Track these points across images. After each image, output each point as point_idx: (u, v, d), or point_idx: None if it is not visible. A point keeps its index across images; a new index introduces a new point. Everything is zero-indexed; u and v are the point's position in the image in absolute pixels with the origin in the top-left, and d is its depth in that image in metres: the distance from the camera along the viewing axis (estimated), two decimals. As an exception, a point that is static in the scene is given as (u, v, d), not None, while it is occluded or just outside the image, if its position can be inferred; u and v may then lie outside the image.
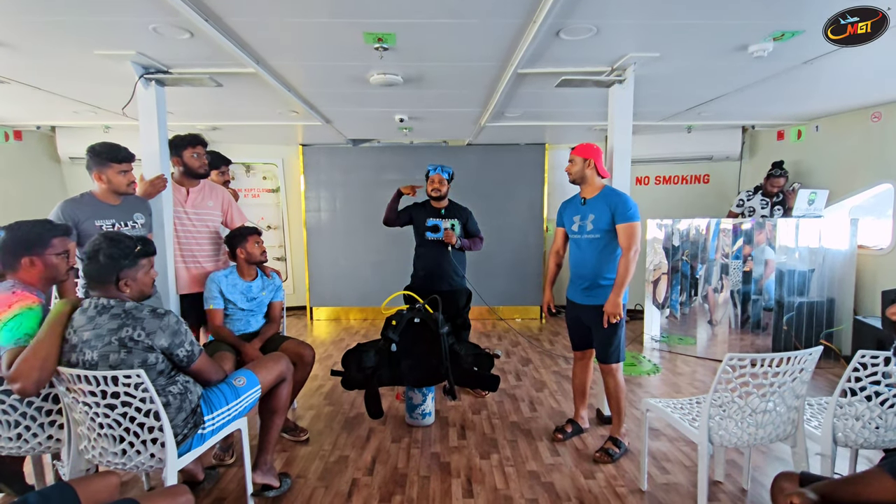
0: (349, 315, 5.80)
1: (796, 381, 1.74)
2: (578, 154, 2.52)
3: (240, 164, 5.68)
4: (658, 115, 4.12)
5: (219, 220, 2.93)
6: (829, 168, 4.21)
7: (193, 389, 1.77)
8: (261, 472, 2.11)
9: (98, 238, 1.64)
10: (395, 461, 2.47)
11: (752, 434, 1.77)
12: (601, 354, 2.52)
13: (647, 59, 2.54)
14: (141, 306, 1.64)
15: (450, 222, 3.22)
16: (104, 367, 1.55)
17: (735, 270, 4.10)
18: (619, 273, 2.39)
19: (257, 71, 2.64)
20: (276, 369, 2.10)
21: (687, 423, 1.92)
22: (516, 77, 2.81)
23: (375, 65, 2.65)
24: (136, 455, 1.63)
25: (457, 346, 2.76)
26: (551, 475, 2.33)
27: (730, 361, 1.66)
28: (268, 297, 2.82)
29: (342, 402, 3.23)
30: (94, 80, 2.92)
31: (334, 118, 4.14)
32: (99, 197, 2.37)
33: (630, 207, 2.41)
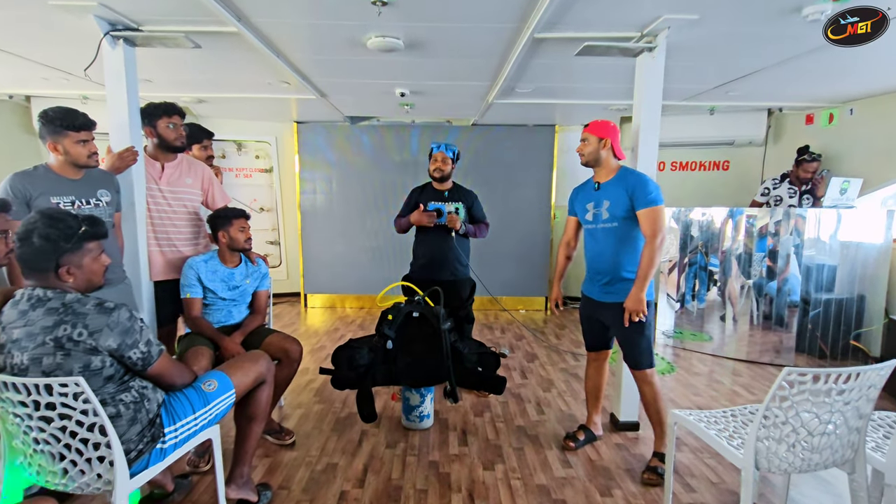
0: (345, 303, 5.54)
1: (862, 399, 1.47)
2: (592, 132, 2.21)
3: (231, 142, 5.36)
4: (682, 94, 3.79)
5: (198, 199, 2.64)
6: (864, 155, 3.90)
7: (152, 396, 1.51)
8: (235, 485, 1.86)
9: (34, 216, 1.36)
10: (389, 471, 2.23)
11: (805, 459, 1.51)
12: (631, 360, 2.24)
13: (683, 22, 2.22)
14: (85, 299, 1.37)
15: (454, 206, 2.93)
16: (36, 373, 1.29)
17: (757, 263, 3.83)
18: (642, 265, 2.10)
19: (239, 30, 2.32)
20: (254, 370, 1.84)
21: (725, 441, 1.66)
22: (532, 43, 2.49)
23: (373, 25, 2.33)
24: (81, 475, 1.37)
25: (459, 344, 2.50)
26: (563, 491, 2.09)
27: (788, 376, 1.39)
28: (252, 286, 2.55)
29: (333, 399, 2.98)
30: (55, 40, 2.61)
31: (330, 91, 3.81)
32: (56, 170, 2.07)
33: (651, 189, 2.11)
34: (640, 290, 2.09)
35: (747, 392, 3.19)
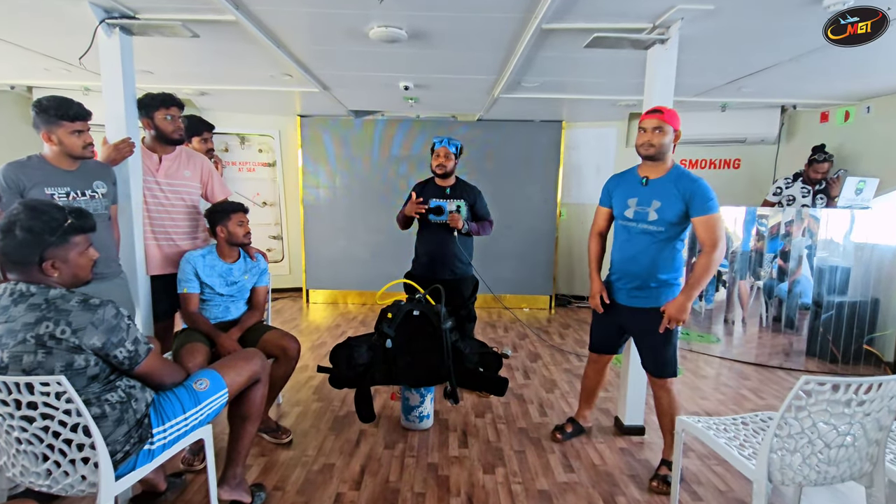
0: (347, 299, 5.50)
1: (883, 410, 1.40)
2: (669, 121, 1.97)
3: (234, 135, 5.31)
4: (694, 89, 3.69)
5: (197, 192, 2.59)
6: (881, 154, 3.78)
7: (140, 396, 1.46)
8: (229, 486, 1.81)
9: (17, 207, 1.31)
10: (387, 472, 2.18)
11: (820, 472, 1.44)
12: (653, 367, 2.15)
13: (697, 13, 2.13)
14: (69, 295, 1.32)
15: (455, 203, 2.85)
16: (16, 371, 1.24)
17: (767, 264, 3.73)
18: (696, 273, 1.97)
19: (237, 18, 2.26)
20: (248, 369, 1.79)
21: (735, 450, 1.59)
22: (539, 34, 2.41)
23: (375, 14, 2.26)
24: (64, 476, 1.32)
25: (460, 344, 2.44)
26: (565, 496, 2.03)
27: (805, 386, 1.32)
28: (251, 282, 2.51)
29: (332, 397, 2.93)
30: (52, 28, 2.55)
31: (333, 84, 3.75)
32: (50, 160, 2.02)
33: (711, 196, 1.97)
34: (689, 300, 1.98)
35: (755, 396, 3.11)
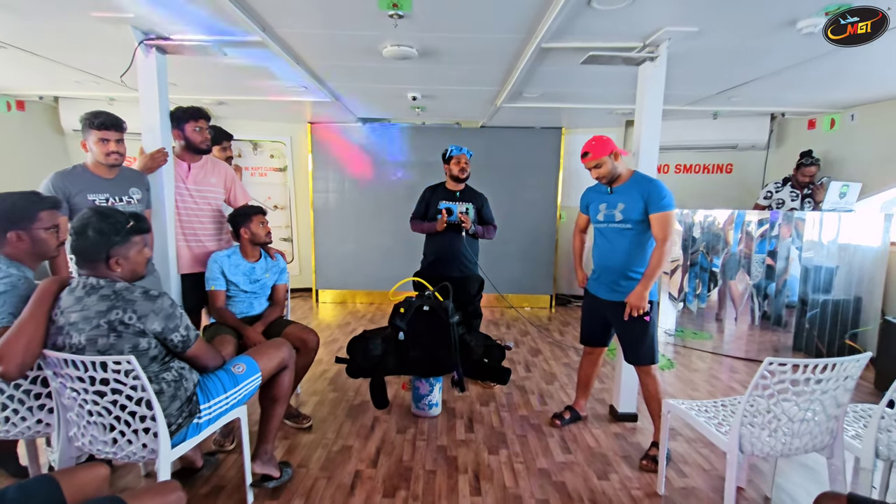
0: (356, 299, 5.71)
1: (839, 388, 1.60)
2: (599, 155, 2.26)
3: (247, 142, 5.54)
4: (685, 99, 3.90)
5: (221, 197, 2.81)
6: (864, 160, 3.98)
7: (189, 377, 1.67)
8: (260, 461, 2.02)
9: (87, 212, 1.52)
10: (401, 453, 2.38)
11: (786, 444, 1.64)
12: (631, 356, 2.38)
13: (683, 34, 2.34)
14: (133, 287, 1.53)
15: (465, 206, 3.07)
16: (92, 352, 1.45)
17: (757, 265, 3.93)
18: (651, 265, 2.22)
19: (263, 39, 2.47)
20: (278, 356, 2.00)
21: (713, 427, 1.79)
22: (539, 52, 2.62)
23: (389, 35, 2.48)
24: (128, 444, 1.53)
25: (467, 337, 2.64)
26: (563, 474, 2.23)
27: (769, 366, 1.52)
28: (272, 280, 2.71)
29: (347, 388, 3.14)
30: (93, 47, 2.78)
31: (344, 94, 3.97)
32: (91, 169, 2.25)
33: (665, 195, 2.22)
34: (645, 289, 2.22)
35: (743, 388, 3.30)
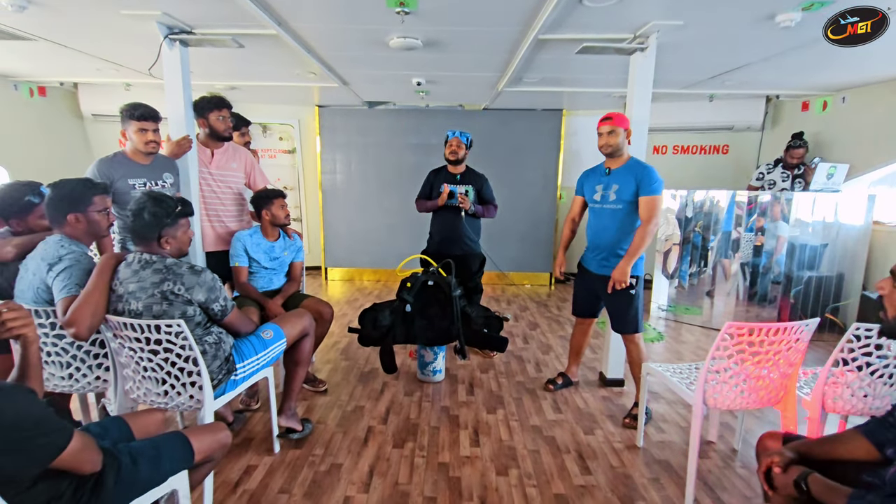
0: (363, 276, 5.97)
1: (791, 350, 1.83)
2: (620, 125, 2.43)
3: (256, 125, 5.71)
4: (680, 83, 4.04)
5: (242, 181, 3.02)
6: (852, 141, 4.13)
7: (226, 340, 1.92)
8: (285, 416, 2.30)
9: (143, 197, 1.75)
10: (408, 412, 2.66)
11: (744, 398, 1.88)
12: (618, 325, 2.61)
13: (670, 27, 2.50)
14: (180, 263, 1.77)
15: (464, 188, 3.27)
16: (148, 317, 1.70)
17: (747, 243, 4.13)
18: (634, 242, 2.43)
19: (278, 33, 2.65)
20: (300, 324, 2.25)
21: (685, 386, 2.04)
22: (536, 43, 2.78)
23: (396, 28, 2.65)
24: (177, 396, 1.80)
25: (468, 309, 2.89)
26: (553, 430, 2.50)
27: (728, 329, 1.75)
28: (289, 257, 2.95)
29: (357, 357, 3.42)
30: (119, 39, 2.97)
31: (352, 80, 4.13)
32: (130, 156, 2.47)
33: (655, 181, 2.42)
34: (627, 265, 2.44)
35: (727, 358, 3.55)
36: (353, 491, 1.98)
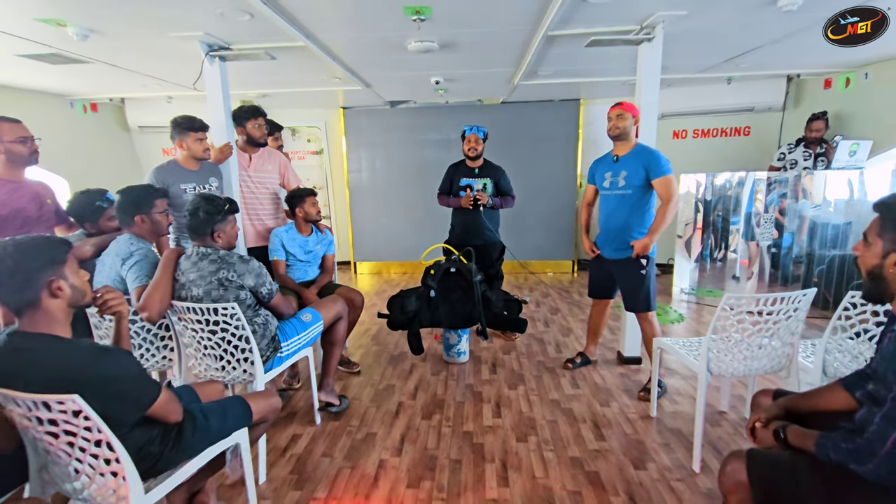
0: (390, 269, 6.23)
1: (791, 319, 1.94)
2: (629, 111, 2.61)
3: (286, 128, 6.01)
4: (694, 68, 4.08)
5: (277, 182, 3.29)
6: (876, 117, 4.08)
7: (272, 322, 2.18)
8: (324, 391, 2.56)
9: (196, 198, 2.02)
10: (435, 389, 2.87)
11: (746, 365, 2.01)
12: (630, 304, 2.75)
13: (675, 17, 2.60)
14: (231, 254, 2.03)
15: (482, 182, 3.45)
16: (208, 301, 1.97)
17: (768, 224, 4.15)
18: (657, 220, 2.56)
19: (307, 44, 2.89)
20: (334, 309, 2.50)
21: (692, 356, 2.17)
22: (546, 39, 2.92)
23: (413, 34, 2.84)
24: (233, 370, 2.07)
25: (488, 293, 3.07)
26: (570, 403, 2.67)
27: (728, 301, 1.88)
28: (322, 251, 3.20)
29: (387, 342, 3.66)
30: (165, 58, 3.28)
31: (374, 82, 4.36)
32: (181, 163, 2.76)
33: (663, 163, 2.55)
34: (651, 240, 2.57)
35: (747, 337, 3.61)
36: (387, 455, 2.21)
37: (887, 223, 1.17)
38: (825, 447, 1.16)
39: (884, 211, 1.20)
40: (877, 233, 1.19)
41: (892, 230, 1.15)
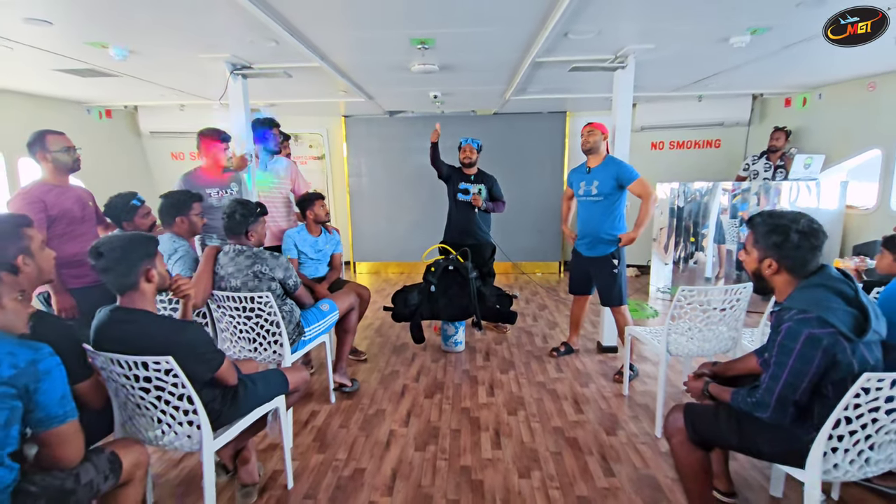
0: (388, 269, 6.57)
1: (735, 308, 2.33)
2: (599, 129, 3.05)
3: (289, 134, 6.34)
4: (667, 87, 4.51)
5: (288, 187, 3.62)
6: (827, 134, 4.54)
7: (295, 310, 2.52)
8: (338, 374, 2.90)
9: (233, 203, 2.35)
10: (435, 374, 3.23)
11: (699, 347, 2.40)
12: (605, 299, 3.14)
13: (643, 49, 3.00)
14: (262, 250, 2.37)
15: (477, 187, 3.82)
16: (245, 291, 2.30)
17: (732, 229, 4.58)
18: (640, 216, 2.91)
19: (321, 65, 3.24)
20: (348, 300, 2.85)
21: (656, 341, 2.56)
22: (534, 64, 3.31)
23: (416, 58, 3.21)
24: (264, 351, 2.40)
25: (483, 288, 3.44)
26: (555, 384, 3.04)
27: (682, 293, 2.27)
28: (330, 250, 3.53)
29: (390, 335, 4.00)
30: (190, 74, 3.60)
31: (376, 95, 4.71)
32: (206, 170, 3.09)
33: (630, 169, 2.97)
34: (636, 233, 2.95)
35: (712, 330, 4.03)
36: (396, 426, 2.56)
37: (757, 237, 1.50)
38: (736, 400, 1.54)
39: (752, 227, 1.52)
40: (752, 244, 1.53)
41: (762, 242, 1.48)
